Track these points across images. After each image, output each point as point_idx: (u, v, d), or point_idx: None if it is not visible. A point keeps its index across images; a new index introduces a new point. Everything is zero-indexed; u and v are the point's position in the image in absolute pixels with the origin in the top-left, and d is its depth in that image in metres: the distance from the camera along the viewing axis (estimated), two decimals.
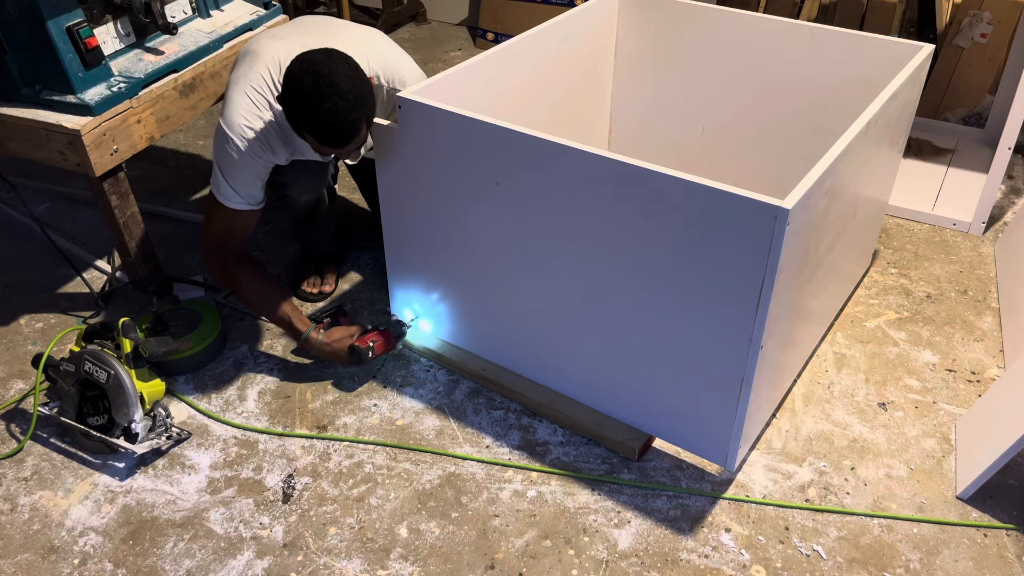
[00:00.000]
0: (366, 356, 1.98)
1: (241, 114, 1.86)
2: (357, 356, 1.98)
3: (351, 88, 1.68)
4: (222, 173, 1.91)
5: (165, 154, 3.11)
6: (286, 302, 2.02)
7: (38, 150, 2.00)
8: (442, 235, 1.90)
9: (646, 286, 1.63)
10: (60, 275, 2.45)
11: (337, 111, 1.67)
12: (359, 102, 1.70)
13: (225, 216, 1.96)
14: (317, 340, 2.01)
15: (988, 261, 2.49)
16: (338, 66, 1.68)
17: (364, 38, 2.02)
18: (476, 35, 4.11)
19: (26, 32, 1.90)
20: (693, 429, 1.76)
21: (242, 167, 1.89)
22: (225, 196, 1.93)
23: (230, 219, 1.96)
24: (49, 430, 1.94)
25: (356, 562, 1.64)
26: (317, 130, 1.71)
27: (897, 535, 1.69)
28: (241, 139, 1.86)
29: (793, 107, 2.28)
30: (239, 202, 1.94)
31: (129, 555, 1.66)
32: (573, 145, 1.56)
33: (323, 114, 1.67)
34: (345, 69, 1.69)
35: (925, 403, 1.99)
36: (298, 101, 1.69)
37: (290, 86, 1.69)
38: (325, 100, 1.66)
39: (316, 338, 2.01)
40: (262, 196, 1.98)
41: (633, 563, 1.63)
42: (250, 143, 1.87)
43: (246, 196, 1.94)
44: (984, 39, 3.11)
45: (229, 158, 1.88)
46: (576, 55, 2.36)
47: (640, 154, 1.61)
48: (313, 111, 1.68)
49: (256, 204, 1.97)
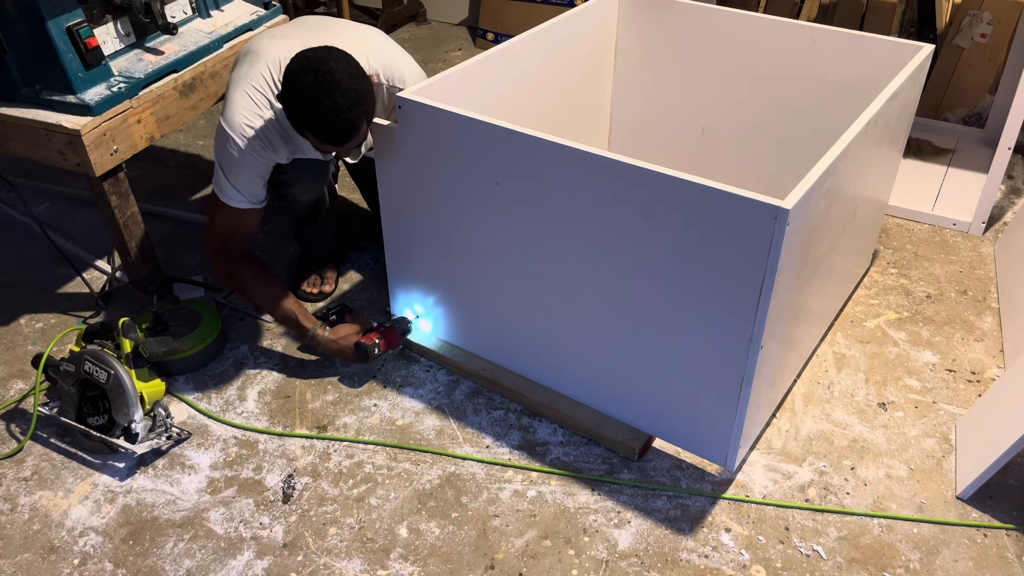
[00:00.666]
0: (372, 353, 1.98)
1: (242, 113, 1.86)
2: (363, 353, 1.98)
3: (351, 85, 1.68)
4: (224, 172, 1.91)
5: (165, 154, 3.11)
6: (291, 300, 2.02)
7: (38, 150, 2.00)
8: (442, 235, 1.90)
9: (646, 286, 1.63)
10: (60, 275, 2.45)
11: (337, 108, 1.67)
12: (359, 99, 1.70)
13: (228, 215, 1.96)
14: (324, 337, 2.02)
15: (988, 261, 2.49)
16: (338, 63, 1.69)
17: (365, 37, 2.02)
18: (476, 35, 4.11)
19: (26, 32, 1.90)
20: (693, 429, 1.76)
21: (243, 166, 1.89)
22: (227, 195, 1.93)
23: (232, 218, 1.97)
24: (49, 430, 1.94)
25: (356, 562, 1.64)
26: (317, 127, 1.71)
27: (897, 535, 1.69)
28: (242, 138, 1.86)
29: (793, 107, 2.28)
30: (241, 201, 1.94)
31: (129, 555, 1.66)
32: (573, 145, 1.56)
33: (323, 111, 1.67)
34: (345, 67, 1.69)
35: (925, 403, 1.99)
36: (298, 98, 1.69)
37: (290, 83, 1.69)
38: (325, 97, 1.66)
39: (323, 335, 2.02)
40: (264, 195, 1.98)
41: (633, 563, 1.63)
42: (251, 142, 1.87)
43: (248, 195, 1.94)
44: (984, 39, 3.11)
45: (230, 157, 1.89)
46: (576, 55, 2.36)
47: (640, 154, 1.61)
48: (314, 108, 1.68)
49: (258, 203, 1.97)
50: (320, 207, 2.26)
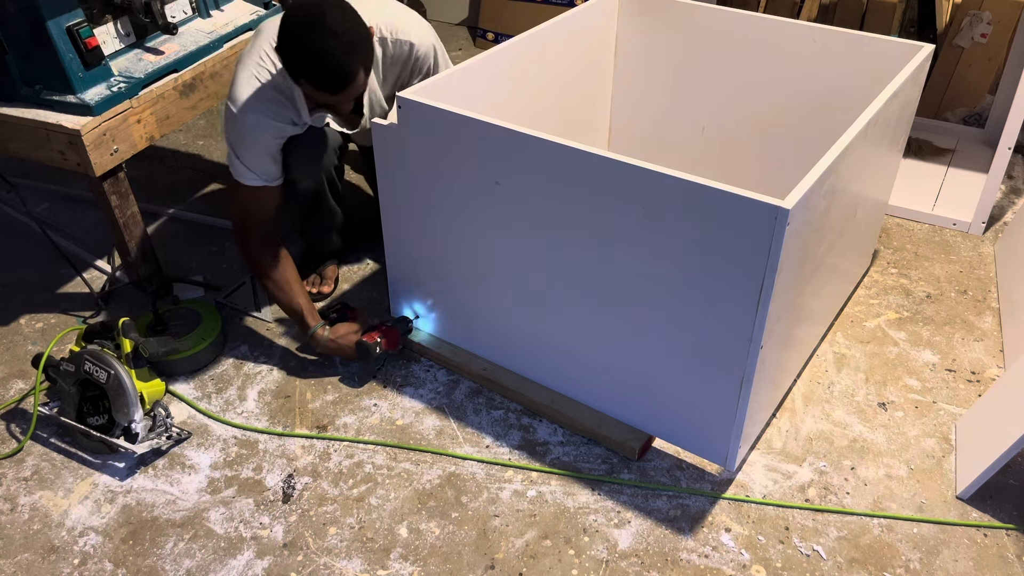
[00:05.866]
0: (373, 351, 1.98)
1: (244, 89, 1.89)
2: (364, 352, 1.98)
3: (345, 29, 1.69)
4: (234, 150, 1.94)
5: (165, 154, 3.10)
6: (300, 295, 2.03)
7: (38, 150, 2.00)
8: (442, 235, 1.90)
9: (646, 286, 1.63)
10: (60, 275, 2.45)
11: (328, 50, 1.68)
12: (352, 45, 1.70)
13: (243, 194, 1.98)
14: (323, 336, 2.02)
15: (988, 261, 2.49)
16: (331, 9, 1.70)
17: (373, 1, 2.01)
18: (476, 35, 4.11)
19: (26, 32, 1.90)
20: (693, 429, 1.76)
21: (249, 142, 1.92)
22: (240, 174, 1.96)
23: (247, 197, 1.98)
24: (49, 430, 1.94)
25: (356, 562, 1.64)
26: (310, 71, 1.72)
27: (897, 535, 1.69)
28: (244, 114, 1.89)
29: (793, 107, 2.28)
30: (253, 178, 1.96)
31: (129, 555, 1.66)
32: (573, 145, 1.56)
33: (313, 53, 1.69)
34: (339, 12, 1.71)
35: (925, 403, 1.99)
36: (290, 41, 1.71)
37: (283, 28, 1.72)
38: (316, 38, 1.68)
39: (322, 335, 2.02)
40: (276, 172, 1.99)
41: (633, 563, 1.63)
42: (254, 117, 1.89)
43: (259, 172, 1.95)
44: (984, 39, 3.11)
45: (236, 134, 1.92)
46: (576, 55, 2.36)
47: (640, 154, 1.61)
48: (304, 49, 1.70)
49: (271, 180, 1.98)
50: (321, 200, 2.25)
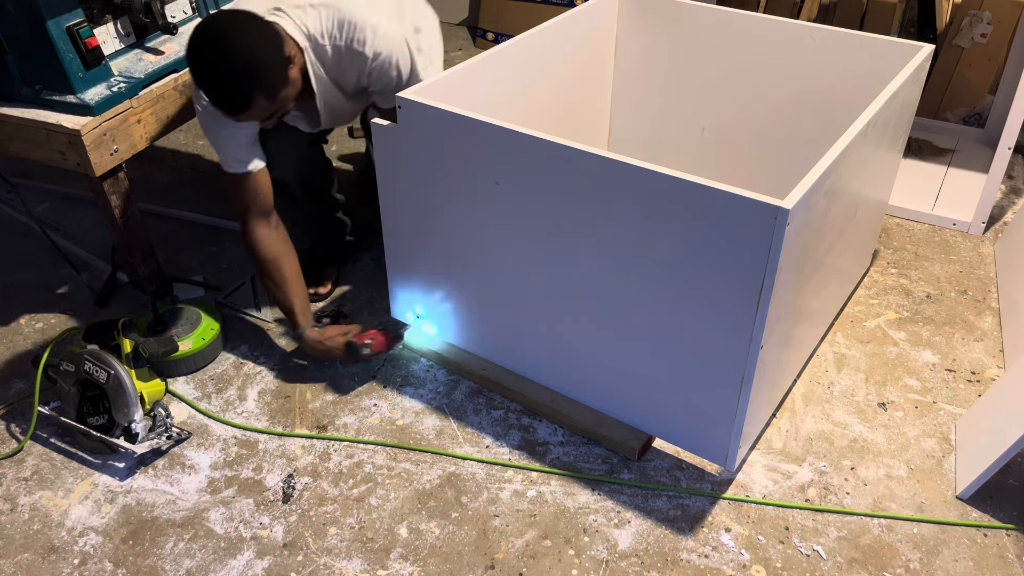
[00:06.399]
0: (362, 352, 1.97)
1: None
2: (354, 352, 1.98)
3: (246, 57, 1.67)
4: (211, 141, 1.96)
5: (165, 154, 3.10)
6: (295, 292, 2.03)
7: (38, 150, 2.00)
8: (442, 235, 1.90)
9: (646, 286, 1.63)
10: (60, 275, 2.45)
11: (223, 77, 1.69)
12: (250, 73, 1.69)
13: (231, 183, 1.99)
14: (310, 337, 2.01)
15: (988, 261, 2.49)
16: (241, 32, 1.69)
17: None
18: (476, 35, 4.11)
19: (26, 32, 1.90)
20: (693, 429, 1.76)
21: (217, 129, 1.92)
22: (223, 162, 1.97)
23: (234, 185, 1.99)
24: (49, 430, 1.94)
25: (356, 562, 1.64)
26: (207, 92, 1.74)
27: (897, 535, 1.69)
28: (203, 104, 1.89)
29: (793, 107, 2.28)
30: (234, 165, 1.96)
31: (129, 555, 1.66)
32: (573, 145, 1.56)
33: (200, 79, 1.71)
34: (250, 36, 1.69)
35: (925, 403, 1.99)
36: (190, 60, 1.71)
37: (189, 41, 1.71)
38: (214, 63, 1.68)
39: (310, 336, 2.01)
40: (253, 158, 1.97)
41: (633, 563, 1.63)
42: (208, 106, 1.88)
43: (236, 159, 1.95)
44: (984, 39, 3.11)
45: (205, 126, 1.94)
46: (576, 55, 2.36)
47: (640, 154, 1.61)
48: (197, 72, 1.71)
49: (252, 167, 1.97)
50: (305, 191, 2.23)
